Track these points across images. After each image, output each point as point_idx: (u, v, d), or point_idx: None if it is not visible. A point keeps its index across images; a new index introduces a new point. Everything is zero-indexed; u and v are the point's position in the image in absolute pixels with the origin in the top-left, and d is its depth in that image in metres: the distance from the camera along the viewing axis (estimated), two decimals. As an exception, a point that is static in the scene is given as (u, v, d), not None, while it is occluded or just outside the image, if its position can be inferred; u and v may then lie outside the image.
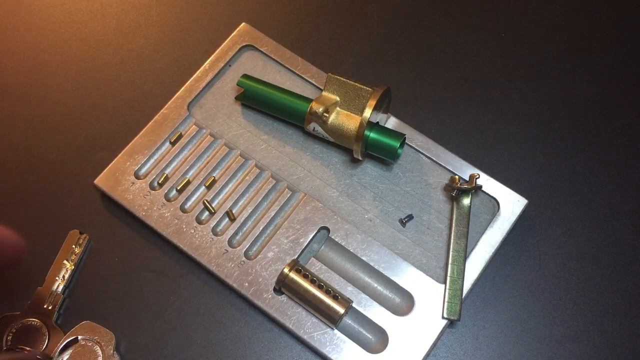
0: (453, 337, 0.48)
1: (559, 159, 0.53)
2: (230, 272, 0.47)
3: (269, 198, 0.50)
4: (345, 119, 0.49)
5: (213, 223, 0.49)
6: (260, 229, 0.49)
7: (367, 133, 0.48)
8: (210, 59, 0.54)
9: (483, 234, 0.48)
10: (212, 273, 0.48)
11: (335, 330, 0.46)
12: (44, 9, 0.59)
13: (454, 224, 0.48)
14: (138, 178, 0.51)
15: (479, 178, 0.49)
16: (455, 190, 0.49)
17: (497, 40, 0.58)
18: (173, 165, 0.51)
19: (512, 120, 0.55)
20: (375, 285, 0.48)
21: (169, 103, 0.53)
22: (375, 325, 0.46)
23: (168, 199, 0.50)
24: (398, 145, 0.48)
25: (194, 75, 0.54)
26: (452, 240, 0.48)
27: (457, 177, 0.49)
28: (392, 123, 0.52)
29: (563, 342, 0.47)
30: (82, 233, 0.50)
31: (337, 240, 0.48)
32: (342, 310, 0.45)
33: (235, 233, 0.49)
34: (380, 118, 0.51)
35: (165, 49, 0.58)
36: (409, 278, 0.47)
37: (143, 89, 0.56)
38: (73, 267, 0.49)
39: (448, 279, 0.47)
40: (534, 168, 0.53)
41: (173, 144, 0.52)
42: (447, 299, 0.46)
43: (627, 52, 0.57)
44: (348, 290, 0.47)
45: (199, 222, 0.49)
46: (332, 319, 0.45)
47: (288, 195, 0.50)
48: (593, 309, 0.48)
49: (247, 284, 0.47)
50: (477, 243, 0.48)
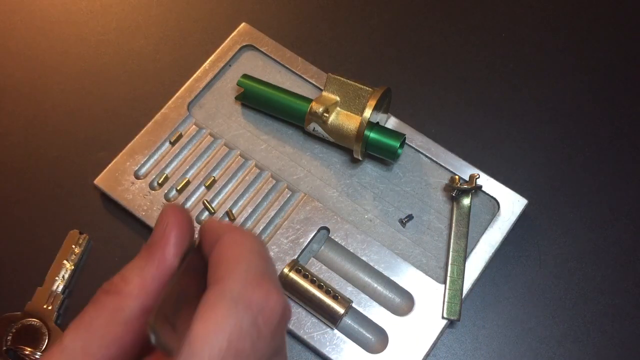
0: (453, 337, 0.48)
1: (559, 159, 0.53)
2: (230, 272, 0.47)
3: (269, 198, 0.50)
4: (345, 119, 0.49)
5: (213, 223, 0.49)
6: (260, 229, 0.49)
7: (367, 133, 0.48)
8: (210, 59, 0.54)
9: (483, 234, 0.48)
10: (212, 273, 0.48)
11: (335, 330, 0.46)
12: (44, 9, 0.59)
13: (454, 224, 0.48)
14: (138, 178, 0.51)
15: (479, 178, 0.49)
16: (455, 190, 0.49)
17: (497, 40, 0.58)
18: (173, 165, 0.51)
19: (512, 120, 0.55)
20: (375, 285, 0.48)
21: (169, 103, 0.53)
22: (375, 325, 0.46)
23: (168, 199, 0.50)
24: (398, 145, 0.48)
25: (194, 75, 0.54)
26: (452, 240, 0.48)
27: (457, 177, 0.49)
28: (392, 123, 0.52)
29: (563, 342, 0.47)
30: (82, 233, 0.50)
31: (337, 240, 0.48)
32: (342, 310, 0.45)
33: (235, 233, 0.49)
34: (380, 118, 0.51)
35: (165, 49, 0.58)
36: (409, 278, 0.47)
37: (143, 89, 0.56)
38: (73, 267, 0.49)
39: (448, 279, 0.47)
40: (534, 168, 0.53)
41: (173, 144, 0.52)
42: (447, 299, 0.46)
43: (627, 52, 0.57)
44: (348, 290, 0.47)
45: (199, 222, 0.49)
46: (332, 319, 0.45)
47: (288, 195, 0.50)
48: (593, 309, 0.48)
49: (247, 284, 0.47)
50: (477, 243, 0.48)
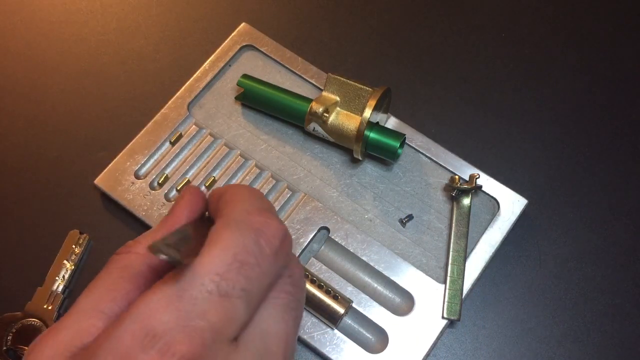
0: (453, 337, 0.48)
1: (559, 159, 0.53)
2: (230, 272, 0.47)
3: (269, 198, 0.50)
4: (345, 119, 0.49)
5: (213, 223, 0.49)
6: (260, 229, 0.49)
7: (367, 133, 0.48)
8: (210, 59, 0.54)
9: (483, 234, 0.48)
10: (212, 273, 0.48)
11: (335, 330, 0.46)
12: (44, 9, 0.59)
13: (454, 224, 0.48)
14: (138, 178, 0.51)
15: (479, 178, 0.49)
16: (455, 190, 0.49)
17: (497, 40, 0.58)
18: (173, 165, 0.51)
19: (512, 120, 0.55)
20: (375, 285, 0.48)
21: (169, 103, 0.53)
22: (375, 325, 0.46)
23: (168, 199, 0.50)
24: (398, 145, 0.48)
25: (194, 75, 0.54)
26: (452, 240, 0.48)
27: (457, 177, 0.49)
28: (392, 123, 0.52)
29: (563, 342, 0.47)
30: (82, 233, 0.50)
31: (337, 240, 0.48)
32: (342, 310, 0.45)
33: (235, 233, 0.49)
34: (380, 118, 0.51)
35: (165, 49, 0.58)
36: (409, 278, 0.47)
37: (143, 89, 0.56)
38: (73, 267, 0.49)
39: (448, 279, 0.47)
40: (534, 168, 0.53)
41: (173, 144, 0.52)
42: (447, 299, 0.46)
43: (627, 51, 0.57)
44: (348, 290, 0.47)
45: (199, 222, 0.49)
46: (332, 319, 0.45)
47: (288, 195, 0.50)
48: (593, 309, 0.48)
49: (247, 284, 0.47)
50: (477, 243, 0.48)
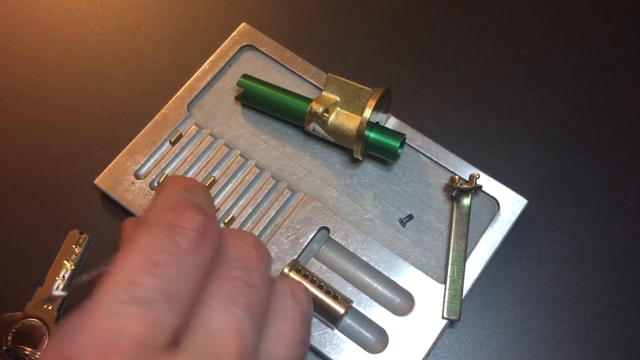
0: (453, 337, 0.48)
1: (559, 159, 0.53)
2: (230, 272, 0.47)
3: (269, 198, 0.50)
4: (345, 119, 0.49)
5: (213, 223, 0.49)
6: (260, 229, 0.49)
7: (367, 133, 0.48)
8: (210, 59, 0.54)
9: (483, 234, 0.48)
10: (212, 273, 0.48)
11: (335, 330, 0.46)
12: (44, 9, 0.59)
13: (454, 224, 0.48)
14: (138, 178, 0.51)
15: (479, 178, 0.49)
16: (455, 190, 0.49)
17: (497, 40, 0.58)
18: (173, 165, 0.51)
19: (512, 120, 0.55)
20: (375, 285, 0.48)
21: (169, 103, 0.53)
22: (375, 325, 0.46)
23: (168, 199, 0.50)
24: (398, 145, 0.48)
25: (194, 75, 0.54)
26: (452, 240, 0.48)
27: (457, 177, 0.49)
28: (392, 123, 0.52)
29: (563, 342, 0.47)
30: (82, 233, 0.50)
31: (337, 240, 0.48)
32: (342, 310, 0.45)
33: (235, 233, 0.49)
34: (380, 118, 0.51)
35: (165, 49, 0.58)
36: (409, 278, 0.47)
37: (143, 89, 0.56)
38: (73, 267, 0.49)
39: (448, 279, 0.47)
40: (534, 168, 0.53)
41: (173, 144, 0.52)
42: (447, 299, 0.46)
43: (627, 52, 0.57)
44: (348, 290, 0.47)
45: (199, 222, 0.49)
46: (332, 319, 0.45)
47: (288, 195, 0.50)
48: (593, 309, 0.48)
49: (247, 284, 0.47)
50: (477, 243, 0.48)
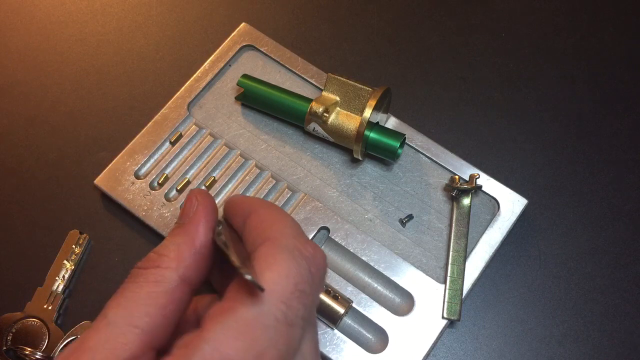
0: (453, 337, 0.48)
1: (559, 159, 0.53)
2: (230, 272, 0.47)
3: (269, 198, 0.50)
4: (345, 119, 0.49)
5: (213, 223, 0.49)
6: (260, 229, 0.49)
7: (367, 133, 0.48)
8: (210, 59, 0.54)
9: (483, 234, 0.48)
10: (212, 273, 0.48)
11: (335, 330, 0.46)
12: (44, 9, 0.59)
13: (454, 224, 0.48)
14: (138, 178, 0.51)
15: (479, 178, 0.49)
16: (455, 190, 0.49)
17: (497, 40, 0.58)
18: (173, 165, 0.51)
19: (512, 120, 0.55)
20: (375, 285, 0.48)
21: (169, 103, 0.53)
22: (375, 325, 0.46)
23: (168, 199, 0.50)
24: (398, 145, 0.48)
25: (194, 75, 0.54)
26: (452, 240, 0.48)
27: (457, 177, 0.49)
28: (392, 123, 0.52)
29: (563, 342, 0.47)
30: (82, 233, 0.50)
31: (337, 240, 0.48)
32: (342, 310, 0.45)
33: (235, 233, 0.49)
34: (380, 118, 0.51)
35: (165, 49, 0.58)
36: (409, 278, 0.47)
37: (143, 89, 0.56)
38: (73, 267, 0.49)
39: (448, 279, 0.47)
40: (534, 168, 0.53)
41: (173, 144, 0.52)
42: (447, 299, 0.46)
43: (627, 52, 0.57)
44: (348, 290, 0.47)
45: (199, 222, 0.49)
46: (332, 319, 0.45)
47: (288, 195, 0.50)
48: (593, 309, 0.48)
49: (247, 284, 0.47)
50: (477, 243, 0.48)
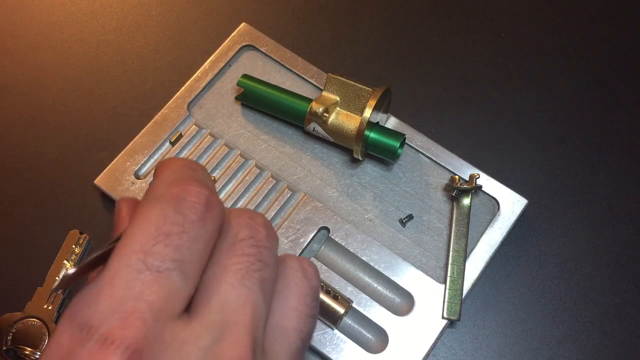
0: (453, 337, 0.48)
1: (559, 159, 0.53)
2: (230, 272, 0.47)
3: (269, 198, 0.50)
4: (345, 119, 0.49)
5: (213, 223, 0.49)
6: (260, 229, 0.49)
7: (367, 133, 0.48)
8: (210, 59, 0.54)
9: (483, 234, 0.48)
10: (212, 273, 0.48)
11: (335, 330, 0.46)
12: (44, 9, 0.59)
13: (454, 224, 0.48)
14: (138, 178, 0.51)
15: (479, 178, 0.49)
16: (455, 190, 0.49)
17: (497, 40, 0.58)
18: (173, 165, 0.51)
19: (512, 120, 0.55)
20: (375, 285, 0.48)
21: (169, 103, 0.53)
22: (375, 325, 0.46)
23: (168, 199, 0.50)
24: (398, 145, 0.48)
25: (194, 75, 0.54)
26: (452, 240, 0.48)
27: (457, 177, 0.49)
28: (392, 123, 0.52)
29: (563, 342, 0.47)
30: (82, 233, 0.50)
31: (337, 240, 0.48)
32: (342, 310, 0.45)
33: (235, 233, 0.49)
34: (380, 118, 0.51)
35: (165, 49, 0.58)
36: (409, 278, 0.47)
37: (143, 89, 0.56)
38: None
39: (448, 279, 0.47)
40: (534, 168, 0.53)
41: (173, 144, 0.52)
42: (447, 299, 0.46)
43: (627, 52, 0.57)
44: (348, 290, 0.47)
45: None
46: (332, 319, 0.45)
47: (288, 195, 0.50)
48: (593, 309, 0.48)
49: (247, 284, 0.47)
50: (477, 243, 0.48)
